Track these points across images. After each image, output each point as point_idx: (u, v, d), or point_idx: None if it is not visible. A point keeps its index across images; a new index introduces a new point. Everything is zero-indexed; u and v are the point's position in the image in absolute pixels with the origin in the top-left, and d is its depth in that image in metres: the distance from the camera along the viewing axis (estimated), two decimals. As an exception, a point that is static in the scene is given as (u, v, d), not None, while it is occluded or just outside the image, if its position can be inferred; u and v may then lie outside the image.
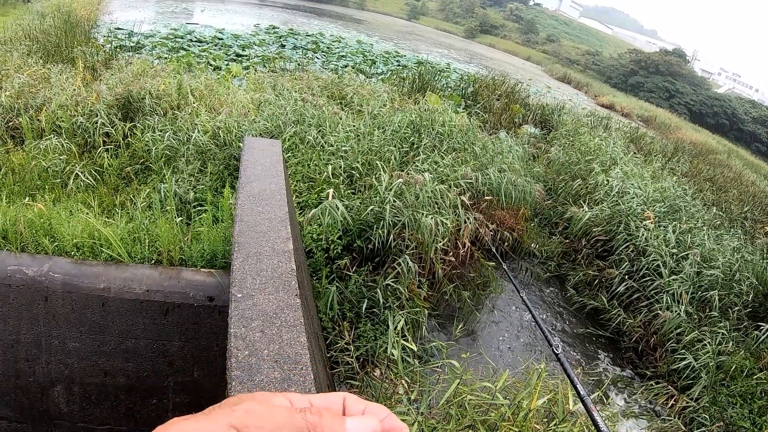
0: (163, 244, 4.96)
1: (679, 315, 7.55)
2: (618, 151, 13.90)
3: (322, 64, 21.15)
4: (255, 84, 11.93)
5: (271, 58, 18.27)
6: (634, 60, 74.74)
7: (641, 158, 14.84)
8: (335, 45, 28.59)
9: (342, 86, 13.00)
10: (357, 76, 15.98)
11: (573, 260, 10.05)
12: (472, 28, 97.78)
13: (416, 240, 7.03)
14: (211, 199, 5.94)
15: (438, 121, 10.57)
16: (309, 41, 27.47)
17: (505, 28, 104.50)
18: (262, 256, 3.36)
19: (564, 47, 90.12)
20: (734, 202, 14.65)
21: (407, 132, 9.90)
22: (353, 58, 25.07)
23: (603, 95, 50.54)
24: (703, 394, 6.74)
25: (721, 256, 8.87)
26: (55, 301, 4.50)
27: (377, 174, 7.60)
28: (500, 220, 9.51)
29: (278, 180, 4.66)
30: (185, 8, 38.10)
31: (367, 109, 10.85)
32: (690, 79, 74.60)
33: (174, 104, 9.16)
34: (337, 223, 6.44)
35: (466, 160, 9.60)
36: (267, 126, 8.65)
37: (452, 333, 7.19)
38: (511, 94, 18.45)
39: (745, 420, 6.33)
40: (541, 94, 25.72)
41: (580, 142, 14.41)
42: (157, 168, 7.43)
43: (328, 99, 11.58)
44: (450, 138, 10.31)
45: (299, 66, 16.47)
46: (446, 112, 11.42)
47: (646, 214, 9.37)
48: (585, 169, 12.32)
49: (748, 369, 6.93)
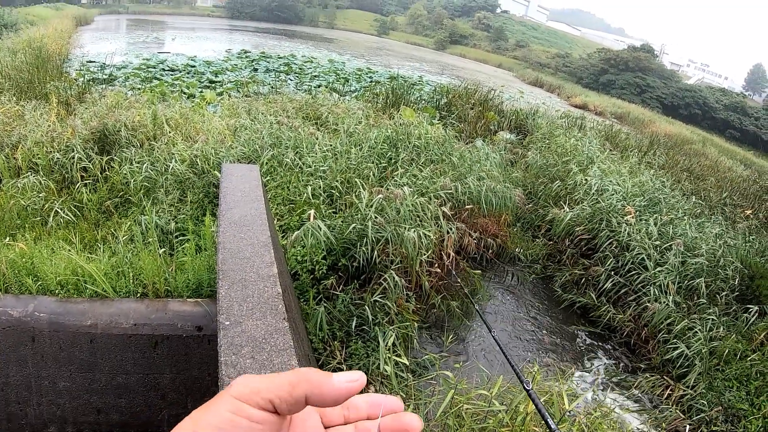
0: (148, 277, 4.95)
1: (667, 306, 7.62)
2: (594, 150, 13.99)
3: (296, 85, 21.24)
4: (230, 110, 11.96)
5: (244, 82, 18.31)
6: (604, 59, 75.82)
7: (617, 155, 15.01)
8: (307, 65, 28.76)
9: (316, 106, 13.04)
10: (331, 95, 16.09)
11: (558, 261, 10.12)
12: (441, 39, 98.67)
13: (401, 254, 7.05)
14: (193, 228, 5.95)
15: (414, 134, 10.63)
16: (281, 63, 27.63)
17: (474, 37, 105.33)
18: (247, 282, 3.38)
19: (534, 52, 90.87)
20: (713, 190, 14.89)
21: (384, 147, 9.94)
22: (326, 77, 25.24)
23: (576, 96, 51.09)
24: (698, 381, 6.79)
25: (704, 243, 8.98)
26: (43, 341, 4.48)
27: (357, 191, 7.64)
28: (483, 228, 9.57)
29: (258, 205, 4.69)
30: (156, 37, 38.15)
31: (343, 127, 10.90)
32: (660, 73, 75.85)
33: (150, 135, 9.16)
34: (321, 243, 6.45)
35: (445, 171, 9.65)
36: (244, 151, 8.66)
37: (443, 344, 7.21)
38: (485, 102, 18.57)
39: (743, 402, 6.38)
40: (514, 99, 25.84)
41: (556, 144, 14.52)
42: (137, 200, 7.41)
43: (303, 120, 11.62)
44: (427, 150, 10.37)
45: (273, 89, 16.52)
46: (421, 124, 11.49)
47: (627, 209, 9.43)
48: (563, 170, 12.43)
49: (741, 351, 7.00)
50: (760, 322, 7.43)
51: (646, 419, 6.63)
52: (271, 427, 0.62)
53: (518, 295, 9.31)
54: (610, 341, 8.34)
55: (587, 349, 8.19)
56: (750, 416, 6.21)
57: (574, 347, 8.15)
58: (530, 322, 8.56)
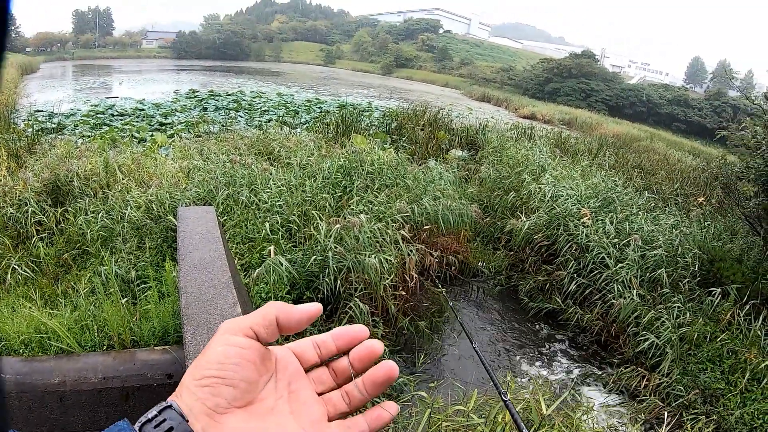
0: (113, 328, 4.94)
1: (632, 300, 7.80)
2: (545, 158, 14.26)
3: (246, 121, 21.28)
4: (182, 151, 11.90)
5: (194, 123, 18.24)
6: (547, 68, 77.69)
7: (568, 160, 15.23)
8: (256, 101, 28.79)
9: (268, 141, 13.07)
10: (281, 128, 16.11)
11: (521, 270, 10.26)
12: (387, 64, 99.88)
13: (364, 281, 7.13)
14: (154, 275, 5.94)
15: (366, 161, 10.70)
16: (230, 101, 27.62)
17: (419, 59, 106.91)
18: (212, 324, 3.43)
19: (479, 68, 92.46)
20: (664, 183, 15.20)
21: (338, 177, 10.02)
22: (276, 111, 25.29)
23: (523, 107, 52.13)
24: (672, 367, 6.93)
25: (660, 235, 9.21)
26: (11, 403, 4.42)
27: (315, 223, 7.70)
28: (443, 246, 9.69)
29: (217, 246, 4.75)
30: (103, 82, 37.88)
31: (296, 160, 10.94)
32: (603, 77, 78.16)
33: (103, 183, 9.07)
34: (283, 278, 6.50)
35: (400, 194, 9.76)
36: (199, 192, 8.64)
37: (416, 365, 7.28)
38: (435, 122, 18.78)
39: (719, 381, 6.52)
40: (463, 116, 26.28)
41: (508, 156, 14.74)
42: (95, 251, 7.31)
43: (256, 156, 11.63)
44: (381, 175, 10.46)
45: (223, 127, 16.51)
46: (373, 150, 11.57)
47: (582, 212, 9.64)
48: (516, 181, 12.64)
49: (710, 333, 7.16)
50: (725, 302, 7.63)
51: (626, 412, 6.77)
52: (257, 353, 0.72)
53: (485, 307, 9.45)
54: (582, 341, 8.51)
55: (560, 352, 8.35)
56: (727, 394, 6.39)
57: (547, 352, 8.29)
58: (500, 332, 8.69)
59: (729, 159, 12.06)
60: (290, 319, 0.75)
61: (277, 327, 0.75)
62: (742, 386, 6.39)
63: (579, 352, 8.35)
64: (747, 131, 10.64)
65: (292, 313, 0.76)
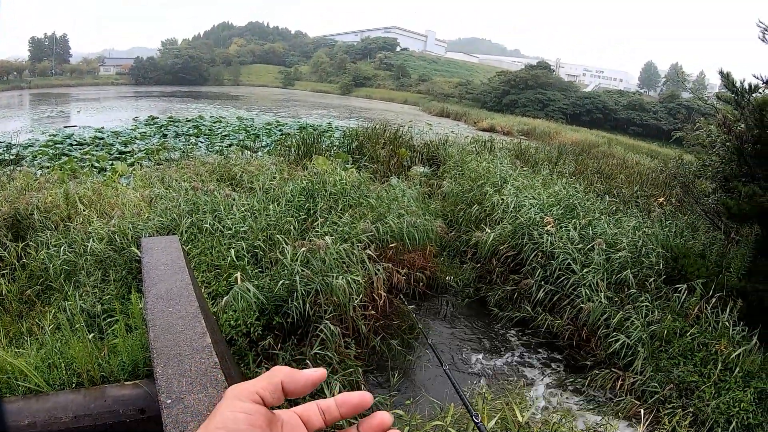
0: (81, 365, 4.88)
1: (600, 303, 7.94)
2: (506, 169, 14.44)
3: (207, 147, 21.23)
4: (143, 180, 11.81)
5: (154, 150, 18.16)
6: (504, 81, 79.18)
7: (529, 170, 15.40)
8: (217, 126, 28.79)
9: (229, 167, 13.05)
10: (243, 153, 16.10)
11: (489, 281, 10.33)
12: (346, 83, 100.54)
13: (333, 303, 7.13)
14: (121, 308, 5.91)
15: (329, 182, 10.73)
16: (190, 126, 27.57)
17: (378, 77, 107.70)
18: (182, 356, 3.44)
19: (437, 84, 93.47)
20: (624, 186, 15.44)
21: (301, 200, 10.03)
22: (236, 135, 25.33)
23: (482, 120, 52.92)
24: (645, 365, 7.06)
25: (624, 237, 9.36)
26: (-21, 447, 4.34)
27: (280, 247, 7.70)
28: (410, 263, 9.75)
29: (183, 276, 4.75)
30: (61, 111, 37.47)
31: (258, 184, 10.96)
32: (559, 86, 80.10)
33: (64, 215, 8.96)
34: (252, 305, 6.49)
35: (364, 214, 9.79)
36: (162, 221, 8.57)
37: (391, 383, 7.29)
38: (395, 140, 18.92)
39: (693, 374, 6.66)
40: (423, 133, 26.51)
41: (469, 170, 14.92)
42: (59, 286, 7.22)
43: (218, 182, 11.60)
44: (344, 196, 10.50)
45: (184, 154, 16.45)
46: (335, 171, 11.63)
47: (546, 220, 9.75)
48: (479, 193, 12.79)
49: (680, 329, 7.29)
50: (691, 297, 7.74)
51: (603, 413, 6.86)
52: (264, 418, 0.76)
53: (456, 321, 9.52)
54: (554, 347, 8.62)
55: (533, 359, 8.45)
56: (702, 385, 6.51)
57: (520, 360, 8.39)
58: (471, 344, 8.76)
59: (686, 158, 12.39)
60: (296, 384, 0.81)
61: (282, 392, 0.80)
62: (716, 377, 6.53)
63: (552, 357, 8.46)
64: (702, 131, 10.99)
65: (297, 378, 0.81)
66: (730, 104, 9.00)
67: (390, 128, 20.09)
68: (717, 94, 11.09)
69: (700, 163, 10.70)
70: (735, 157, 8.88)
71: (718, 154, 9.76)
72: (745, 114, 8.41)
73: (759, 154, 8.25)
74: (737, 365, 6.61)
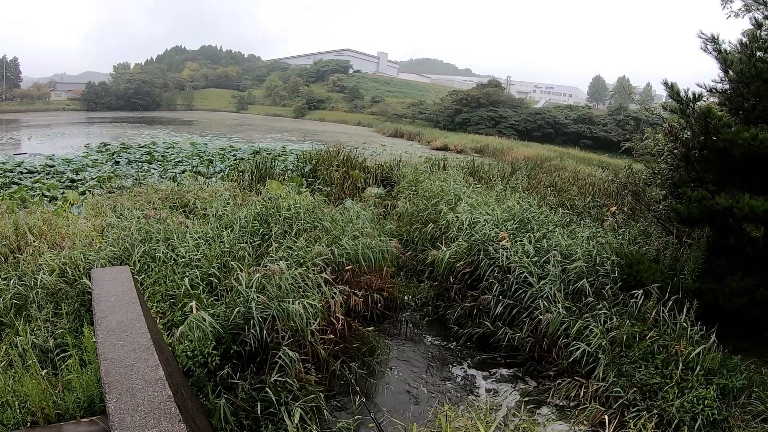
0: (35, 403, 4.81)
1: (559, 313, 8.06)
2: (460, 187, 14.66)
3: (160, 174, 21.02)
4: (94, 209, 11.69)
5: (106, 178, 17.95)
6: (456, 100, 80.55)
7: (483, 186, 15.63)
8: (169, 152, 28.53)
9: (183, 193, 13.00)
10: (196, 179, 16.05)
11: (447, 299, 10.40)
12: (300, 106, 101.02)
13: (290, 328, 7.10)
14: (74, 342, 5.85)
15: (283, 206, 10.73)
16: (143, 153, 27.31)
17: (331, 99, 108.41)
18: (135, 390, 3.44)
19: (390, 104, 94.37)
20: (577, 197, 15.84)
21: (255, 225, 10.01)
22: (190, 161, 25.21)
23: (435, 139, 53.63)
24: (607, 371, 7.17)
25: (578, 248, 9.54)
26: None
27: (235, 274, 7.69)
28: (367, 285, 9.76)
29: (134, 308, 4.76)
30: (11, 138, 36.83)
31: (212, 211, 10.92)
32: (510, 103, 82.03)
33: (14, 246, 8.80)
34: (208, 334, 6.44)
35: (319, 237, 9.78)
36: (114, 251, 8.49)
37: (353, 408, 7.29)
38: (349, 162, 19.08)
39: (655, 376, 6.82)
40: (377, 154, 26.78)
41: (423, 189, 15.06)
42: (9, 320, 7.08)
43: (171, 210, 11.54)
44: (298, 220, 10.48)
45: (137, 181, 16.32)
46: (289, 195, 11.60)
47: (501, 235, 9.86)
48: (434, 212, 12.93)
49: (639, 333, 7.46)
50: (648, 302, 7.91)
51: (569, 421, 6.96)
52: None
53: (416, 340, 9.55)
54: (516, 360, 8.67)
55: (496, 374, 8.51)
56: (664, 386, 6.66)
57: (483, 375, 8.43)
58: (432, 363, 8.79)
59: (636, 168, 12.78)
60: None
61: None
62: (678, 377, 6.70)
63: (514, 370, 8.54)
64: (650, 140, 11.36)
65: None
66: (675, 113, 9.31)
67: (343, 150, 20.21)
68: (663, 104, 11.47)
69: (650, 171, 11.07)
70: (683, 163, 9.23)
71: (667, 162, 10.09)
72: (690, 122, 8.73)
73: (706, 159, 8.61)
74: (698, 364, 6.82)
